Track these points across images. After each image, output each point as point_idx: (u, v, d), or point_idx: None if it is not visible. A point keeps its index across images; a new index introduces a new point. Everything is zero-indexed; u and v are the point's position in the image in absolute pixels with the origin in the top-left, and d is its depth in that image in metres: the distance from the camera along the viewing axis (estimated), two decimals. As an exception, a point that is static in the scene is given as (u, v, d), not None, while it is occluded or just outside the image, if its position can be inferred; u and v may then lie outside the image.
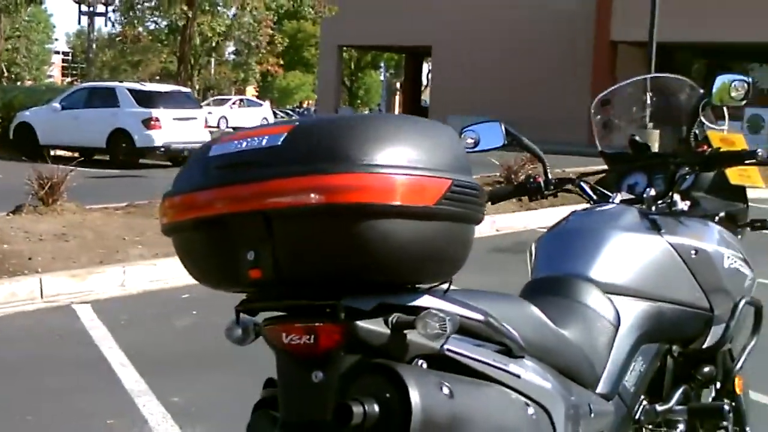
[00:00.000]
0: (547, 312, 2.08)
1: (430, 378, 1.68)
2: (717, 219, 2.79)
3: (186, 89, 22.68)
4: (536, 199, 2.96)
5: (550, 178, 2.92)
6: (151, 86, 21.52)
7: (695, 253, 2.55)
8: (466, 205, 1.69)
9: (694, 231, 2.62)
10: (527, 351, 1.92)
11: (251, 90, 67.15)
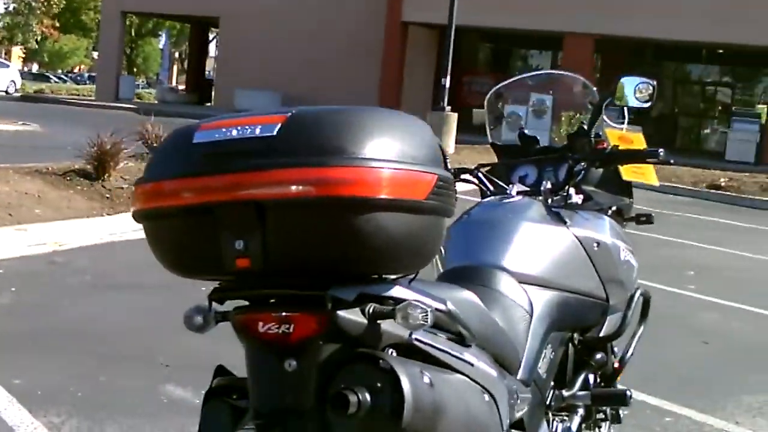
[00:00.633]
0: None
1: (415, 367, 1.71)
2: (610, 213, 2.92)
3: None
4: None
5: (450, 168, 2.86)
6: None
7: (597, 245, 2.66)
8: (447, 199, 1.73)
9: (594, 224, 2.74)
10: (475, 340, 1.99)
11: (18, 51, 63.08)
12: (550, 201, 2.74)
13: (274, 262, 1.64)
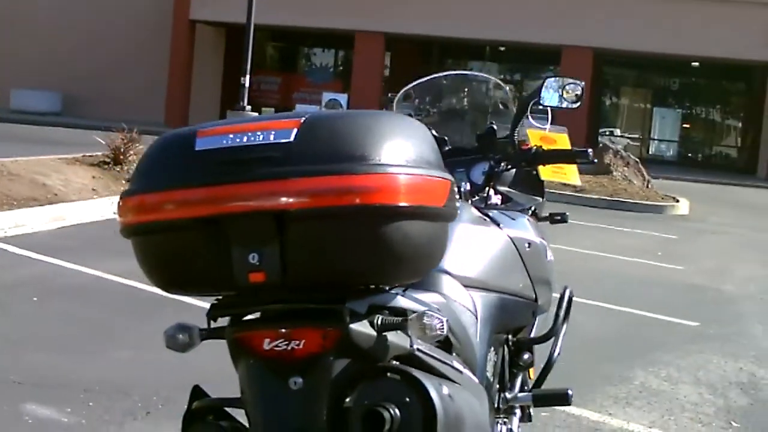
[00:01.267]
0: None
1: (435, 380, 1.68)
2: (529, 213, 2.92)
3: None
4: None
5: None
6: None
7: (528, 245, 2.64)
8: (455, 204, 1.72)
9: (520, 224, 2.72)
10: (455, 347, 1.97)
11: None
12: (470, 203, 2.67)
13: (293, 275, 1.57)
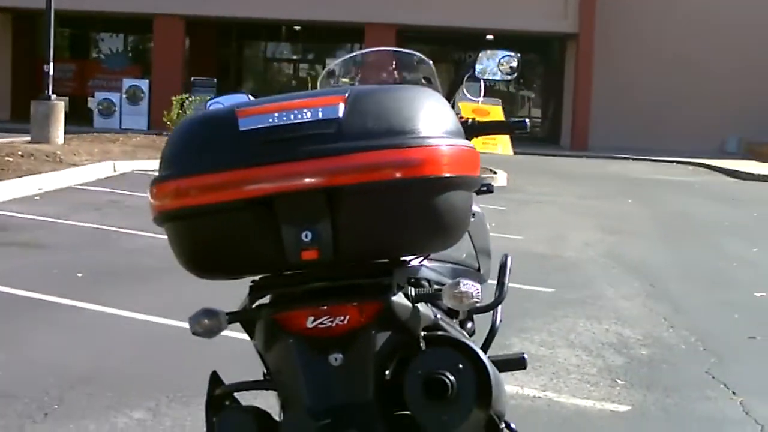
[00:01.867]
0: None
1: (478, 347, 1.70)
2: None
3: None
4: None
5: None
6: None
7: (473, 215, 2.62)
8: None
9: None
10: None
11: None
12: None
13: (345, 251, 1.57)
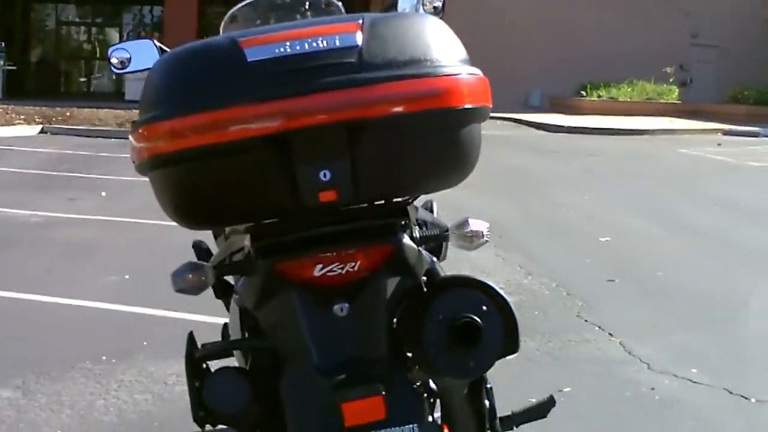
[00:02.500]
0: None
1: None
2: None
3: None
4: None
5: None
6: None
7: None
8: None
9: None
10: None
11: None
12: None
13: (365, 190, 1.43)
